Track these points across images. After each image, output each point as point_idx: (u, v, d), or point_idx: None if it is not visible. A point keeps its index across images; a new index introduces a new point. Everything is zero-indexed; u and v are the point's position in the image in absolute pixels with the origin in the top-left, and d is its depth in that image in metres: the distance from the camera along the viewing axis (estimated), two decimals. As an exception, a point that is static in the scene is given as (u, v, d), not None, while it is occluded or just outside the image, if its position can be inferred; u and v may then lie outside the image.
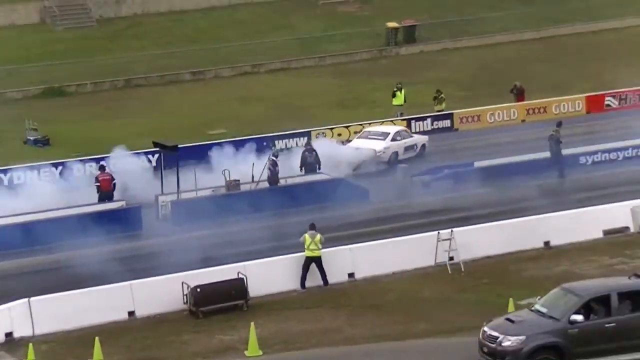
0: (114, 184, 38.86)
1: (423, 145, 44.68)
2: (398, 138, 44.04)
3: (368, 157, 42.86)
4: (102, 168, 39.57)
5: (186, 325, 29.72)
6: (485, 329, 25.13)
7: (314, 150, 41.15)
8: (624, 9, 63.44)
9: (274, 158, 39.91)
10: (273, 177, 39.53)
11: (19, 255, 34.86)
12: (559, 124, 42.69)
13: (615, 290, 25.07)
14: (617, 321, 24.63)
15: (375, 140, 43.65)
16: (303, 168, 40.82)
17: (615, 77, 50.53)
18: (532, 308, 25.53)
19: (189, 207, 37.73)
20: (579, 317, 24.53)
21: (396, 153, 43.61)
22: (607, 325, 24.63)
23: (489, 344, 24.78)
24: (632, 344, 24.65)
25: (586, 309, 24.77)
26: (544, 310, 25.14)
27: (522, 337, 24.43)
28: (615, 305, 24.74)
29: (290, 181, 39.84)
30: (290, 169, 40.79)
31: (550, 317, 24.82)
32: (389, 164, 43.01)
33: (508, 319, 25.26)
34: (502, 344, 24.50)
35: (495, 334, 24.76)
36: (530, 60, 53.95)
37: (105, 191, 38.70)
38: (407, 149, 44.13)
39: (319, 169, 40.62)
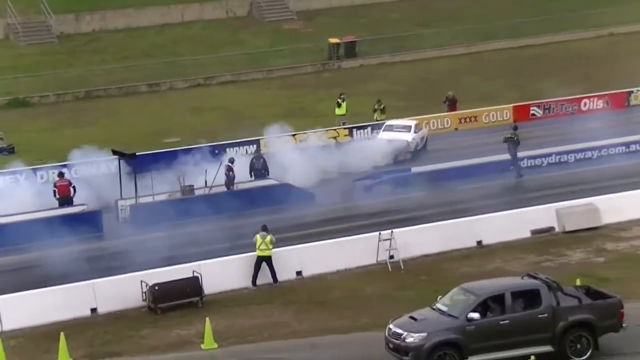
0: (73, 189, 38.44)
1: (426, 138, 45.81)
2: (417, 130, 45.14)
3: (402, 147, 43.86)
4: (60, 174, 39.09)
5: (145, 320, 29.53)
6: (391, 326, 25.19)
7: (262, 157, 40.99)
8: (544, 26, 63.99)
9: (229, 164, 39.75)
10: (229, 182, 39.39)
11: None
12: (515, 128, 42.80)
13: (509, 289, 25.17)
14: (510, 318, 24.80)
15: (402, 133, 44.65)
16: (252, 174, 40.66)
17: (539, 88, 50.91)
18: (434, 307, 25.55)
19: (146, 211, 37.44)
20: (475, 315, 24.65)
21: (417, 143, 44.75)
22: (501, 322, 24.79)
23: (394, 340, 24.86)
24: (524, 340, 24.81)
25: (483, 307, 24.89)
26: (444, 308, 25.23)
27: (424, 334, 24.52)
28: (509, 304, 24.88)
29: (240, 186, 39.63)
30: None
31: (450, 315, 24.96)
32: (412, 154, 44.17)
33: (412, 317, 25.32)
34: (406, 340, 24.59)
35: (399, 331, 24.84)
36: (461, 73, 54.14)
37: (64, 197, 38.25)
38: (421, 140, 45.34)
39: (267, 174, 40.49)
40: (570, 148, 43.34)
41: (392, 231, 32.67)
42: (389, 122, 46.24)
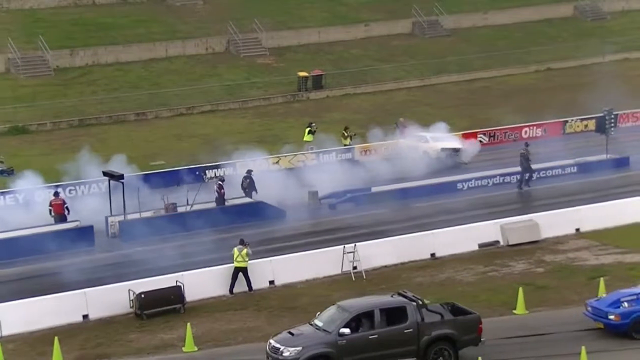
0: (67, 208, 38.22)
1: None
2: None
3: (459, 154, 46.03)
4: (56, 194, 38.83)
5: (132, 326, 29.35)
6: (271, 341, 24.83)
7: (249, 177, 40.58)
8: (491, 61, 64.38)
9: (220, 182, 39.67)
10: (220, 199, 39.23)
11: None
12: (527, 144, 43.35)
13: (378, 306, 24.93)
14: (378, 333, 24.56)
15: (451, 141, 46.71)
16: (243, 190, 40.31)
17: (486, 117, 51.15)
18: (312, 322, 25.16)
19: (134, 227, 37.25)
20: (346, 330, 24.37)
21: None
22: (370, 336, 24.53)
23: (273, 355, 24.51)
24: (391, 353, 24.64)
25: (354, 323, 24.57)
26: (320, 324, 24.88)
27: (299, 348, 24.23)
28: (378, 320, 24.64)
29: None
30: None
31: (324, 331, 24.61)
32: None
33: (290, 332, 24.96)
34: (283, 354, 24.26)
35: (277, 345, 24.52)
36: (416, 104, 54.34)
37: (59, 214, 38.03)
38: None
39: (256, 192, 40.12)
40: (512, 170, 43.53)
41: (355, 245, 32.67)
42: (430, 134, 47.20)
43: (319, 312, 25.67)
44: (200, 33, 63.56)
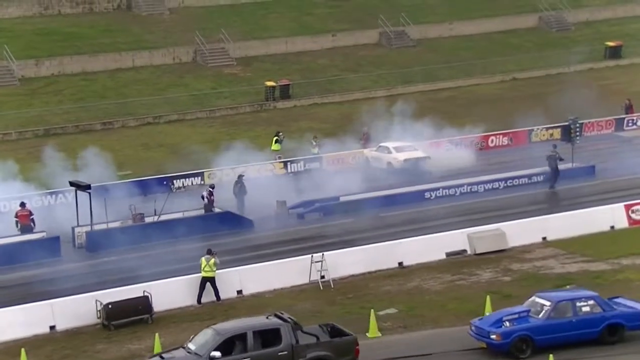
0: (33, 219, 37.94)
1: None
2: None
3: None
4: (22, 205, 38.53)
5: (99, 336, 29.14)
6: None
7: (241, 182, 40.86)
8: (456, 71, 64.74)
9: (210, 189, 39.63)
10: (208, 205, 39.14)
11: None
12: (555, 146, 43.90)
13: (251, 329, 24.38)
14: (251, 356, 23.97)
15: (414, 151, 47.10)
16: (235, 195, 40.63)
17: (452, 126, 51.32)
18: (185, 346, 24.59)
19: (101, 237, 37.04)
20: (217, 354, 23.67)
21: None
22: (242, 359, 23.87)
23: None
24: None
25: (225, 346, 23.91)
26: (192, 347, 24.28)
27: None
28: (251, 342, 24.02)
29: (187, 214, 39.38)
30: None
31: (196, 354, 23.89)
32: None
33: (161, 356, 24.41)
34: None
35: None
36: (382, 113, 54.38)
37: (25, 225, 37.74)
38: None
39: (245, 193, 40.45)
40: (479, 179, 43.79)
41: (322, 254, 32.65)
42: (393, 144, 47.38)
43: (192, 335, 25.18)
44: (167, 43, 63.44)
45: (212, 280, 31.26)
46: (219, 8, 68.45)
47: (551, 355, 24.84)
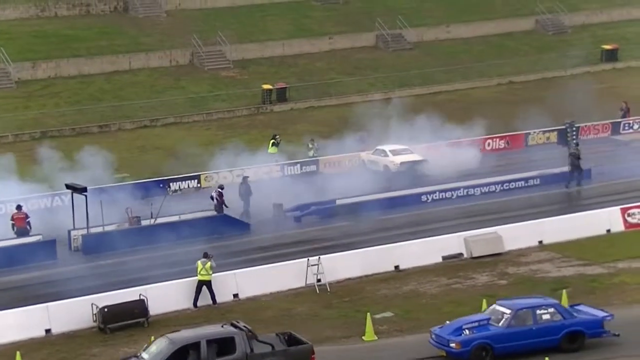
0: (29, 222, 37.93)
1: None
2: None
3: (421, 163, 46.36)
4: (18, 207, 38.51)
5: (95, 340, 29.15)
6: None
7: (245, 184, 41.05)
8: (453, 75, 64.78)
9: (219, 190, 39.68)
10: (219, 206, 39.16)
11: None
12: (577, 144, 44.16)
13: (205, 337, 24.15)
14: None
15: (410, 154, 46.90)
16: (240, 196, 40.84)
17: (449, 129, 51.29)
18: (139, 355, 24.43)
19: (97, 240, 37.04)
20: None
21: None
22: None
23: None
24: None
25: (178, 355, 23.70)
26: (146, 357, 24.08)
27: None
28: (204, 351, 23.78)
29: (183, 217, 39.36)
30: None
31: None
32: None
33: None
34: None
35: None
36: (379, 116, 54.44)
37: (21, 228, 37.72)
38: None
39: (251, 194, 40.68)
40: (476, 182, 43.82)
41: (319, 257, 32.68)
42: (390, 147, 47.32)
43: (146, 345, 25.09)
44: (164, 46, 63.43)
45: (208, 284, 31.26)
46: (216, 10, 68.46)
47: (547, 358, 24.88)
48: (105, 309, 29.56)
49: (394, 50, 67.53)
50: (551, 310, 26.12)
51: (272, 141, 49.03)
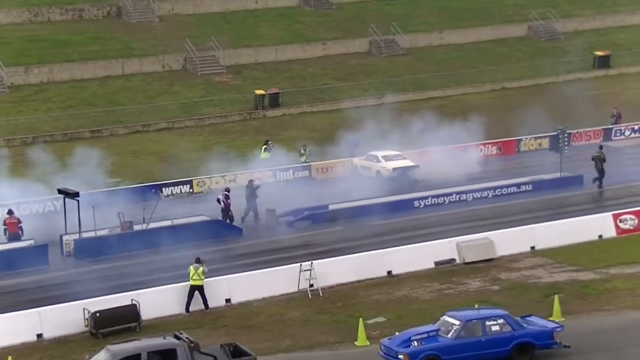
0: (21, 226, 37.87)
1: None
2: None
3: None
4: (10, 212, 38.46)
5: (87, 345, 29.03)
6: None
7: (250, 187, 41.32)
8: (447, 81, 64.88)
9: (226, 192, 39.70)
10: (226, 209, 39.15)
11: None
12: (601, 147, 44.89)
13: (145, 349, 24.11)
14: None
15: (402, 160, 47.24)
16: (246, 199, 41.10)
17: (442, 135, 51.32)
18: None
19: (89, 245, 36.99)
20: None
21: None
22: None
23: None
24: None
25: None
26: None
27: None
28: None
29: (175, 222, 39.34)
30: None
31: None
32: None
33: None
34: None
35: None
36: (370, 122, 54.52)
37: (13, 233, 37.66)
38: None
39: (257, 197, 40.92)
40: (468, 188, 43.89)
41: (312, 262, 32.65)
42: (382, 153, 47.50)
43: (87, 356, 24.90)
44: (157, 50, 63.45)
45: (200, 289, 31.24)
46: (210, 16, 68.52)
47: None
48: (97, 314, 29.50)
49: (387, 56, 67.64)
50: (500, 321, 25.79)
51: (264, 147, 49.07)
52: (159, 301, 30.90)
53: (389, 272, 34.01)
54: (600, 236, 37.19)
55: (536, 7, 74.30)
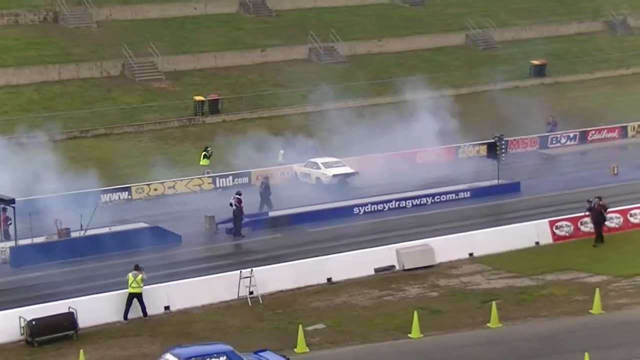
0: None
1: None
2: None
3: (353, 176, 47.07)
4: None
5: (23, 354, 28.61)
6: None
7: (264, 184, 42.72)
8: (384, 88, 65.15)
9: (237, 196, 39.36)
10: (238, 212, 38.87)
11: None
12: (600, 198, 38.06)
13: None
14: None
15: (342, 167, 47.52)
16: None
17: (382, 143, 51.57)
18: None
19: (25, 252, 36.43)
20: None
21: None
22: None
23: None
24: None
25: None
26: None
27: None
28: None
29: (114, 229, 38.96)
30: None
31: None
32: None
33: None
34: None
35: None
36: (314, 128, 54.51)
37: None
38: None
39: (270, 194, 42.17)
40: (407, 195, 44.15)
41: (251, 269, 32.58)
42: (322, 160, 47.74)
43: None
44: (95, 56, 62.79)
45: (139, 296, 30.96)
46: (148, 22, 68.02)
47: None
48: (33, 322, 29.08)
49: (326, 64, 67.78)
50: (223, 358, 24.58)
51: (204, 153, 48.85)
52: (96, 309, 30.54)
53: (329, 279, 34.04)
54: (537, 243, 37.67)
55: (473, 16, 75.09)
